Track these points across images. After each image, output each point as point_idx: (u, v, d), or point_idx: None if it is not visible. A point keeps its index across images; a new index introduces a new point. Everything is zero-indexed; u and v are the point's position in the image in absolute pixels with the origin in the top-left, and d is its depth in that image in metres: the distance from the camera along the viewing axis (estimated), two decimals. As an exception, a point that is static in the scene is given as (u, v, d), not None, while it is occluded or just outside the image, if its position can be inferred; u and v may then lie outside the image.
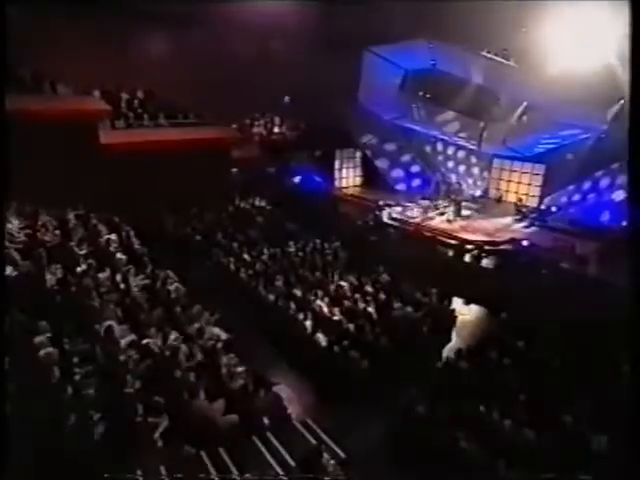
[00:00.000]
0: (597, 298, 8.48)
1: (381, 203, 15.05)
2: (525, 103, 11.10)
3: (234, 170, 16.55)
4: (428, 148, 18.75)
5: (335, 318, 7.31)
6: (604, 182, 13.04)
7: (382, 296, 8.22)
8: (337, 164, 18.79)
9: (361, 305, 7.80)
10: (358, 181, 19.49)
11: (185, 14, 13.56)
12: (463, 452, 4.51)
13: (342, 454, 4.68)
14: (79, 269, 7.12)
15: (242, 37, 15.37)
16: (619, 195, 12.26)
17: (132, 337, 5.59)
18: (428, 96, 14.16)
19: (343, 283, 8.59)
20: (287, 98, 18.64)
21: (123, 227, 10.03)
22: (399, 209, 14.56)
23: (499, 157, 16.00)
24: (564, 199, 14.27)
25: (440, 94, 13.56)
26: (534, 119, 11.76)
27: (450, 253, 10.90)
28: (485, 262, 10.28)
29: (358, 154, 19.03)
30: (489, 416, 4.97)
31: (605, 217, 11.76)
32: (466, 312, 8.32)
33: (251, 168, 16.35)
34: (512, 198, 15.92)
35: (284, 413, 5.15)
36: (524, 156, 14.15)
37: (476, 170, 17.73)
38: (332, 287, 8.49)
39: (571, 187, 13.93)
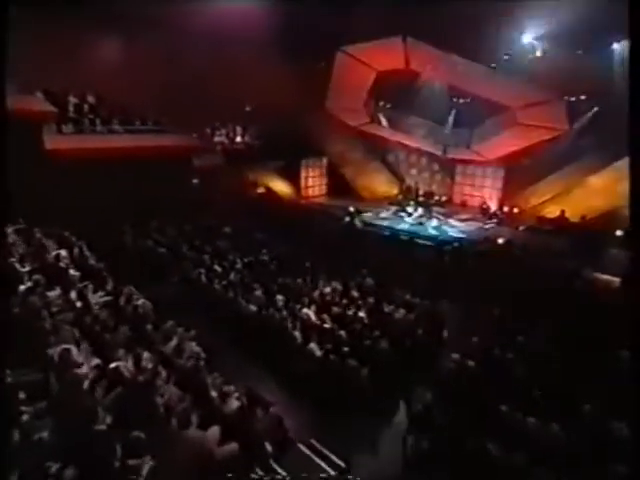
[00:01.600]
0: (579, 287, 8.71)
1: (351, 209, 14.84)
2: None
3: (195, 181, 15.69)
4: (392, 156, 18.99)
5: (326, 325, 6.72)
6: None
7: (370, 300, 7.78)
8: (303, 173, 18.42)
9: (351, 310, 7.29)
10: (324, 190, 19.20)
11: (141, 17, 12.69)
12: (493, 458, 4.07)
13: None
14: (22, 287, 6.01)
15: (202, 42, 14.70)
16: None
17: (96, 361, 4.67)
18: (393, 103, 14.28)
19: (328, 289, 8.05)
20: (248, 107, 18.12)
21: (75, 242, 8.87)
22: (370, 214, 14.39)
23: (462, 162, 16.43)
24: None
25: (408, 98, 13.70)
26: (499, 122, 12.15)
27: (429, 254, 10.75)
28: (464, 261, 10.21)
29: (324, 163, 18.81)
30: (511, 415, 4.60)
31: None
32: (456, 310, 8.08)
33: (213, 178, 15.53)
34: (476, 202, 16.38)
35: (286, 436, 4.45)
36: (487, 159, 14.57)
37: (439, 176, 18.13)
38: (317, 294, 7.91)
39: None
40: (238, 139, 17.47)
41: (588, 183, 12.58)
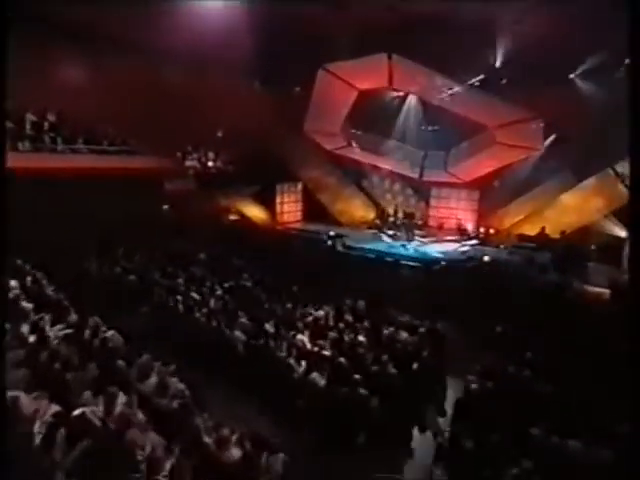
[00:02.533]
0: (571, 300, 8.62)
1: (332, 233, 14.45)
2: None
3: (166, 207, 14.82)
4: (366, 182, 18.99)
5: (325, 352, 6.03)
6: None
7: (366, 323, 7.21)
8: (278, 198, 17.98)
9: (348, 335, 6.66)
10: (300, 215, 18.78)
11: (112, 36, 12.16)
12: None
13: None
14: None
15: (174, 64, 14.30)
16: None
17: (55, 409, 3.73)
18: (370, 127, 14.35)
19: (321, 312, 7.40)
20: (220, 132, 17.69)
21: (28, 270, 7.77)
22: (351, 238, 14.03)
23: (437, 185, 16.62)
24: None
25: (384, 121, 13.79)
26: (476, 142, 12.39)
27: (417, 274, 10.42)
28: (453, 280, 9.94)
29: (299, 188, 18.50)
30: (547, 439, 4.09)
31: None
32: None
33: (185, 204, 14.74)
34: (453, 224, 16.49)
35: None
36: (463, 181, 14.79)
37: (413, 200, 18.23)
38: (309, 319, 7.23)
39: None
40: (210, 164, 16.83)
41: (560, 202, 12.95)
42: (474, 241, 13.59)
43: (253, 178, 16.78)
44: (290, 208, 18.46)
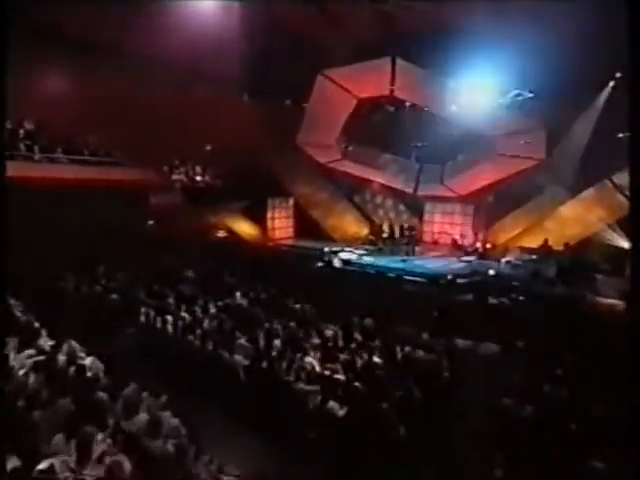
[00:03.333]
0: (586, 312, 8.19)
1: (327, 249, 13.87)
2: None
3: (151, 222, 14.00)
4: (357, 197, 18.62)
5: (339, 377, 5.31)
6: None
7: (377, 342, 6.53)
8: (269, 214, 17.37)
9: (361, 356, 5.97)
10: (291, 232, 18.16)
11: (97, 44, 11.59)
12: None
13: None
14: None
15: (160, 75, 13.78)
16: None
17: (16, 463, 2.90)
18: (366, 140, 14.06)
19: (329, 332, 6.69)
20: (209, 146, 17.13)
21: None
22: (348, 254, 13.46)
23: (432, 199, 16.36)
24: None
25: (380, 134, 13.49)
26: (475, 154, 12.16)
27: (423, 290, 9.86)
28: (462, 294, 9.43)
29: (291, 203, 17.96)
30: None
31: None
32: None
33: (172, 219, 13.96)
34: (448, 240, 16.14)
35: None
36: (459, 195, 14.53)
37: (406, 217, 17.88)
38: (316, 340, 6.49)
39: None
40: (198, 178, 16.17)
41: (559, 214, 12.77)
42: (473, 256, 13.20)
43: (242, 193, 16.19)
44: (281, 224, 17.87)
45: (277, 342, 6.17)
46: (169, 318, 6.95)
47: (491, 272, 10.47)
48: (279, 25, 12.41)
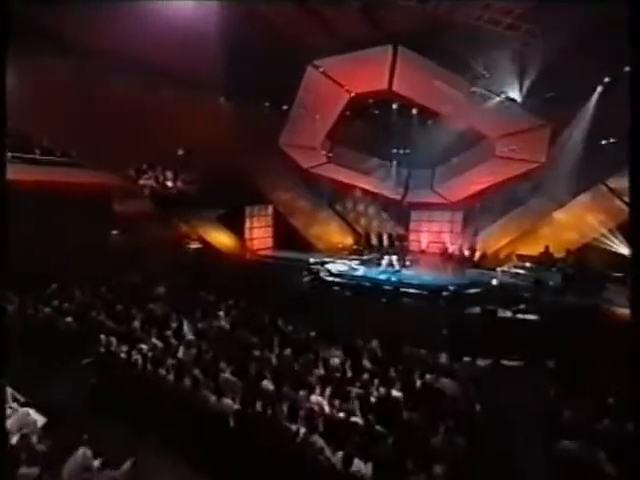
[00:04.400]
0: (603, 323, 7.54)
1: (312, 260, 12.83)
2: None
3: (114, 232, 12.49)
4: (339, 206, 17.75)
5: (356, 419, 4.24)
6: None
7: (392, 371, 5.51)
8: (247, 223, 16.14)
9: (376, 389, 4.93)
10: (271, 242, 16.98)
11: (54, 36, 10.17)
12: None
13: None
14: None
15: (127, 73, 12.42)
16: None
17: None
18: (352, 143, 13.24)
19: (336, 360, 5.61)
20: (181, 150, 15.79)
21: None
22: (337, 265, 12.46)
23: (418, 207, 15.70)
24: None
25: (368, 138, 12.71)
26: (470, 157, 11.57)
27: (426, 305, 8.97)
28: (469, 309, 8.62)
29: (270, 212, 16.82)
30: None
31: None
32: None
33: (139, 228, 12.51)
34: (436, 248, 15.48)
35: None
36: (449, 202, 13.93)
37: (389, 225, 17.12)
38: (320, 371, 5.39)
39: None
40: (169, 183, 14.76)
41: (554, 220, 12.36)
42: (467, 265, 12.53)
43: (218, 200, 14.92)
44: (260, 233, 16.65)
45: (271, 375, 5.04)
46: (136, 346, 5.66)
47: (494, 282, 9.76)
48: (257, 22, 11.52)
